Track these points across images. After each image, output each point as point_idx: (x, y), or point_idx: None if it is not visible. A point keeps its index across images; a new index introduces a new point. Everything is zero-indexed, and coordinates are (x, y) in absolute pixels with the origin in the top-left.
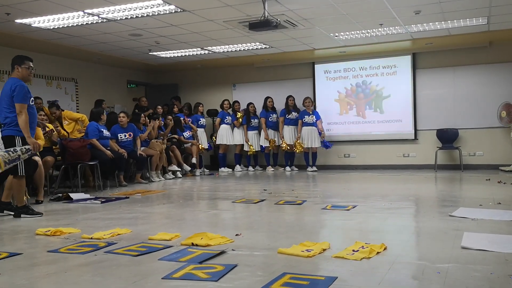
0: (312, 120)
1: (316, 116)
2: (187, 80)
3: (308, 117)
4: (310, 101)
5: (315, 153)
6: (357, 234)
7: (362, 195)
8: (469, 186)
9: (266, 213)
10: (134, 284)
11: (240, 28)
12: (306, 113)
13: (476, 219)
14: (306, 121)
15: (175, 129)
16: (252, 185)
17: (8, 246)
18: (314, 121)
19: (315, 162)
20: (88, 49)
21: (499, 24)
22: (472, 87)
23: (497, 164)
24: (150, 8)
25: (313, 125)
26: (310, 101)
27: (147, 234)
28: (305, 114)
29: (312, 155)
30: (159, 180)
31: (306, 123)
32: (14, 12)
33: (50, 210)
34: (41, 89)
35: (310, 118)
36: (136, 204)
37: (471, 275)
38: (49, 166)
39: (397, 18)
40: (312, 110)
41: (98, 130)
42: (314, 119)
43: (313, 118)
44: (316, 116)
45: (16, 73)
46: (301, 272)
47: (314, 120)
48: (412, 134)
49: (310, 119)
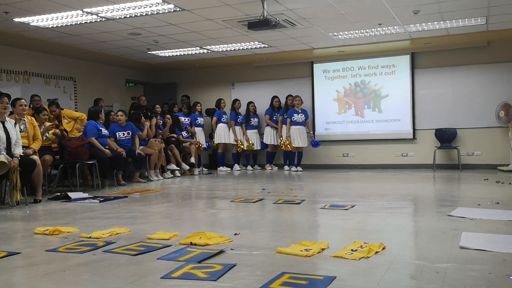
0: (302, 119)
1: (305, 115)
2: (186, 79)
3: (297, 115)
4: (300, 100)
5: (301, 153)
6: (356, 234)
7: (361, 194)
8: (468, 186)
9: (265, 212)
10: (133, 283)
11: (239, 27)
12: (295, 111)
13: (475, 219)
14: (296, 120)
15: (174, 128)
16: (251, 184)
17: (6, 245)
18: (303, 120)
19: (300, 162)
20: (87, 48)
21: (497, 24)
22: (470, 87)
23: (496, 164)
24: (149, 7)
25: (302, 124)
26: (300, 100)
27: (146, 233)
28: (294, 113)
29: (298, 155)
30: (157, 179)
31: (295, 122)
32: (12, 10)
33: (48, 209)
34: (40, 87)
35: (299, 117)
36: (134, 203)
37: (469, 275)
38: (48, 165)
39: (396, 18)
40: (301, 108)
41: (97, 128)
42: (303, 118)
43: (303, 117)
44: (305, 115)
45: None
46: (300, 271)
47: (303, 119)
48: (410, 133)
49: (299, 118)
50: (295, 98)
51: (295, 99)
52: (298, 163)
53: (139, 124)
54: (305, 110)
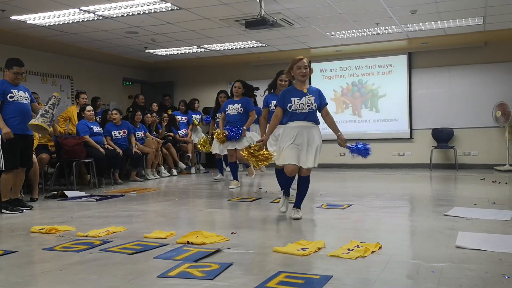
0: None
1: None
2: (183, 78)
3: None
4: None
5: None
6: (352, 233)
7: (358, 194)
8: (464, 186)
9: (262, 211)
10: (130, 282)
11: (236, 26)
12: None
13: (471, 219)
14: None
15: (170, 127)
16: (248, 183)
17: (3, 243)
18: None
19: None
20: (84, 46)
21: (494, 24)
22: (467, 86)
23: (492, 164)
24: (147, 5)
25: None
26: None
27: (143, 232)
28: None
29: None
30: (154, 178)
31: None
32: (9, 8)
33: (45, 207)
34: (36, 86)
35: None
36: (131, 202)
37: (465, 274)
38: (44, 164)
39: (393, 18)
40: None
41: (88, 127)
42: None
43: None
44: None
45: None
46: (296, 270)
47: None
48: (407, 133)
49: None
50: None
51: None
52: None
53: (134, 122)
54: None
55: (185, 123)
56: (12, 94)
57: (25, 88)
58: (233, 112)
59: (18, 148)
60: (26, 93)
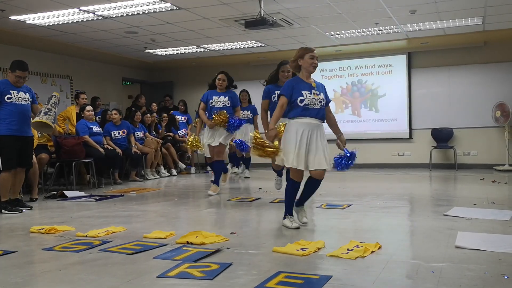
0: (247, 116)
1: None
2: (183, 78)
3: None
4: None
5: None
6: (352, 233)
7: (357, 194)
8: (464, 186)
9: (261, 211)
10: (129, 282)
11: (236, 26)
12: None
13: (470, 219)
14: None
15: (170, 127)
16: (247, 183)
17: (3, 244)
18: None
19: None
20: (83, 46)
21: (494, 24)
22: (467, 86)
23: (492, 164)
24: (146, 5)
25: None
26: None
27: (142, 232)
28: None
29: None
30: (154, 178)
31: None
32: (8, 8)
33: (44, 208)
34: (36, 86)
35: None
36: (131, 202)
37: (465, 274)
38: (44, 164)
39: (393, 18)
40: (248, 105)
41: (87, 127)
42: (249, 115)
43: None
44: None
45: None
46: (296, 271)
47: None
48: (407, 133)
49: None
50: (241, 93)
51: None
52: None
53: (134, 122)
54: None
55: (185, 123)
56: (10, 95)
57: (28, 89)
58: (219, 105)
59: (15, 149)
60: (27, 94)
